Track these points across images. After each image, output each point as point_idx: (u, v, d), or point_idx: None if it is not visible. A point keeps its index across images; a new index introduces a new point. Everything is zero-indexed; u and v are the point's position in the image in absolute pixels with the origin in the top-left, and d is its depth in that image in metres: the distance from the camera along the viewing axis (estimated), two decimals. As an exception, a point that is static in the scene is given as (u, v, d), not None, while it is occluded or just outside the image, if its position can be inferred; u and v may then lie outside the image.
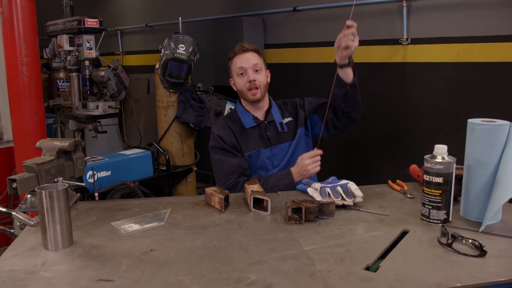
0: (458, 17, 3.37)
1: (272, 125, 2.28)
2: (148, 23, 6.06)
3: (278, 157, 2.27)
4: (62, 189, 1.39)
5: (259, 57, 2.24)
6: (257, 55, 2.23)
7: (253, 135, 2.26)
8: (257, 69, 2.21)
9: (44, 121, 3.24)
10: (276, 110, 2.32)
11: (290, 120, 2.31)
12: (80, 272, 1.24)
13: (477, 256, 1.29)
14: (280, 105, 2.37)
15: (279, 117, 2.29)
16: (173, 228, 1.54)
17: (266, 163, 2.25)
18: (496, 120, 1.54)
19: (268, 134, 2.26)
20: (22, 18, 2.99)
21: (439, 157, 1.52)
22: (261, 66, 2.23)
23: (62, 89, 5.80)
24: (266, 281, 1.17)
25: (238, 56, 2.22)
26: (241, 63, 2.20)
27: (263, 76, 2.24)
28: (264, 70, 2.25)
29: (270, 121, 2.28)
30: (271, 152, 2.26)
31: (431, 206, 1.53)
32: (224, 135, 2.21)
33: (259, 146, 2.24)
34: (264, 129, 2.27)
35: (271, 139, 2.26)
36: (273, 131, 2.27)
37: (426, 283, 1.15)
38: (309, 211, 1.57)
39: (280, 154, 2.27)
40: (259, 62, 2.22)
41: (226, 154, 2.19)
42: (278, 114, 2.31)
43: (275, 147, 2.26)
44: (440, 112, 3.54)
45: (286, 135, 2.28)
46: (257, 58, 2.22)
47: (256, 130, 2.27)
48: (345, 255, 1.32)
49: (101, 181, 2.90)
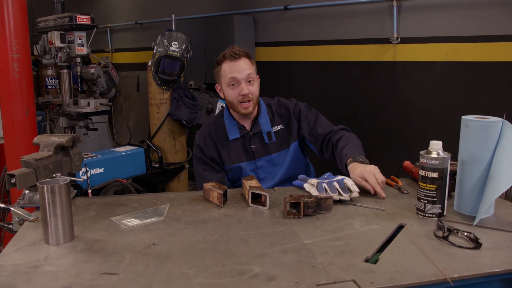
0: (448, 17, 3.43)
1: (257, 136, 2.14)
2: (138, 20, 6.04)
3: (264, 169, 2.16)
4: (64, 184, 1.39)
5: (251, 63, 2.06)
6: (249, 62, 2.05)
7: (236, 147, 2.14)
8: (250, 80, 2.04)
9: (35, 118, 3.22)
10: (265, 117, 2.16)
11: (281, 129, 2.16)
12: (84, 266, 1.25)
13: (473, 248, 1.33)
14: (271, 109, 2.20)
15: (267, 126, 2.15)
16: (173, 223, 1.56)
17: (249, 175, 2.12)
18: (489, 117, 1.58)
19: (253, 147, 2.13)
20: (13, 14, 2.96)
21: (434, 152, 1.56)
22: (254, 75, 2.06)
23: (51, 86, 5.74)
24: (269, 273, 1.19)
25: (229, 63, 2.02)
26: (232, 72, 2.01)
27: (256, 87, 2.08)
28: (256, 79, 2.09)
29: (256, 132, 2.14)
30: (255, 165, 2.15)
31: (426, 201, 1.57)
32: (204, 147, 2.15)
33: (241, 159, 2.14)
34: (248, 141, 2.14)
35: (255, 152, 2.14)
36: (259, 143, 2.14)
37: (425, 274, 1.18)
38: (308, 206, 1.60)
39: (266, 165, 2.16)
40: (252, 71, 2.04)
41: (205, 167, 2.14)
42: (267, 122, 2.15)
43: (260, 159, 2.15)
44: (430, 110, 3.61)
45: (273, 145, 2.15)
46: (250, 67, 2.04)
47: (240, 141, 2.14)
48: (345, 248, 1.34)
49: (94, 178, 2.89)
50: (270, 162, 2.16)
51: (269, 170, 2.16)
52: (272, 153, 2.15)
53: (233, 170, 2.15)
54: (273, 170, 2.16)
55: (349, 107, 4.13)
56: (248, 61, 2.05)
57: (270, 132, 2.15)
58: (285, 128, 2.17)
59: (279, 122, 2.17)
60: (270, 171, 2.16)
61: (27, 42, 3.06)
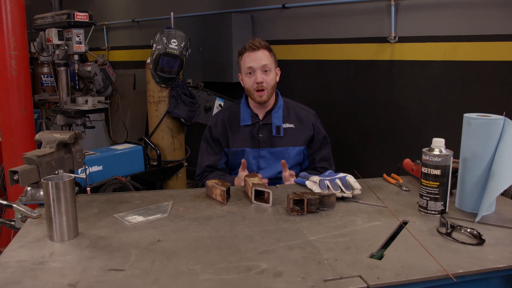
0: (445, 16, 3.45)
1: (267, 127, 2.23)
2: (135, 18, 6.02)
3: (266, 160, 2.24)
4: (69, 180, 1.39)
5: (270, 55, 2.17)
6: (267, 53, 2.16)
7: (244, 133, 2.24)
8: (266, 70, 2.15)
9: (32, 116, 3.20)
10: (279, 112, 2.25)
11: (291, 128, 2.25)
12: (89, 262, 1.25)
13: (476, 244, 1.34)
14: (289, 107, 2.29)
15: (279, 120, 2.23)
16: (177, 220, 1.56)
17: (251, 163, 2.23)
18: (491, 115, 1.60)
19: (260, 136, 2.23)
20: (11, 11, 2.95)
21: (437, 150, 1.57)
22: (271, 66, 2.16)
23: (46, 84, 5.71)
24: (276, 269, 1.19)
25: (248, 54, 2.15)
26: (250, 62, 2.14)
27: (272, 77, 2.18)
28: (273, 70, 2.18)
29: (266, 123, 2.24)
30: (258, 153, 2.23)
31: (429, 198, 1.58)
32: (213, 128, 2.30)
33: (246, 145, 2.23)
34: (257, 129, 2.24)
35: (261, 141, 2.23)
36: (266, 134, 2.23)
37: (430, 270, 1.19)
38: (311, 203, 1.60)
39: (268, 156, 2.23)
40: (268, 62, 2.15)
41: (207, 147, 2.30)
42: (280, 117, 2.24)
43: (263, 149, 2.23)
44: (427, 109, 3.62)
45: (280, 140, 2.22)
46: (267, 57, 2.15)
47: (249, 128, 2.24)
48: (350, 244, 1.35)
49: (92, 175, 2.88)
50: (273, 155, 2.24)
51: (270, 162, 2.23)
52: (277, 147, 2.22)
53: (237, 153, 2.25)
54: (274, 162, 2.23)
55: (347, 106, 4.14)
56: (267, 52, 2.17)
57: (280, 126, 2.23)
58: (296, 129, 2.25)
59: (292, 121, 2.26)
60: (271, 163, 2.24)
61: (24, 39, 3.04)
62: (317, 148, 2.29)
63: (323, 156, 2.29)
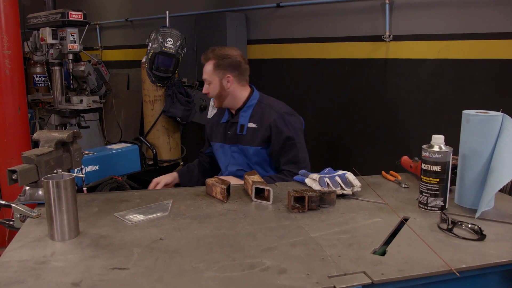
0: (439, 15, 3.47)
1: (234, 126, 2.34)
2: (128, 17, 5.99)
3: (236, 155, 2.34)
4: (69, 179, 1.38)
5: (213, 66, 2.28)
6: (211, 66, 2.28)
7: (221, 129, 2.41)
8: (208, 83, 2.32)
9: (27, 116, 3.18)
10: (248, 111, 2.32)
11: (253, 127, 2.29)
12: (92, 261, 1.24)
13: (477, 240, 1.36)
14: (258, 108, 2.31)
15: (244, 120, 2.31)
16: (179, 218, 1.55)
17: (221, 157, 2.41)
18: (489, 112, 1.61)
19: (229, 133, 2.36)
20: (4, 10, 2.92)
21: (437, 146, 1.58)
22: (210, 78, 2.29)
23: (39, 84, 5.66)
24: (280, 266, 1.19)
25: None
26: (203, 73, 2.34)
27: (213, 87, 2.31)
28: (215, 80, 2.29)
29: (234, 121, 2.34)
30: (230, 149, 2.36)
31: (429, 194, 1.59)
32: (208, 123, 2.56)
33: (220, 140, 2.40)
34: (229, 126, 2.37)
35: (228, 138, 2.36)
36: (233, 131, 2.34)
37: (433, 265, 1.20)
38: (312, 200, 1.61)
39: (238, 152, 2.33)
40: (207, 76, 2.30)
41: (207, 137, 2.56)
42: (247, 116, 2.31)
43: (232, 145, 2.34)
44: (422, 107, 3.64)
45: (243, 138, 2.30)
46: (209, 70, 2.29)
47: (224, 125, 2.40)
48: (352, 241, 1.36)
49: (88, 175, 2.86)
50: (236, 152, 2.34)
51: (235, 157, 2.35)
52: (240, 144, 2.32)
53: (214, 146, 2.45)
54: (239, 158, 2.34)
55: (341, 104, 4.15)
56: (211, 65, 2.29)
57: (244, 125, 2.31)
58: (257, 129, 2.29)
59: (257, 121, 2.29)
60: (237, 158, 2.35)
61: (18, 39, 3.01)
62: (277, 150, 2.25)
63: (288, 158, 2.24)
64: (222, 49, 2.32)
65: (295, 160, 2.24)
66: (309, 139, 4.27)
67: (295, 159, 2.24)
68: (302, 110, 4.48)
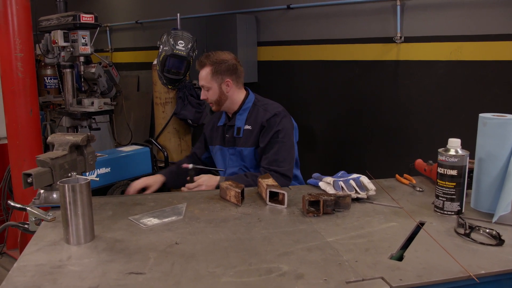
0: (451, 16, 3.44)
1: (232, 128, 2.36)
2: (138, 20, 6.01)
3: (233, 157, 2.37)
4: (85, 183, 1.38)
5: (209, 72, 2.26)
6: (208, 71, 2.27)
7: (218, 133, 2.42)
8: (206, 89, 2.31)
9: (39, 118, 3.20)
10: (244, 114, 2.34)
11: (249, 129, 2.32)
12: (108, 266, 1.24)
13: (495, 245, 1.34)
14: (253, 110, 2.33)
15: (241, 122, 2.34)
16: (193, 222, 1.55)
17: (219, 160, 2.42)
18: (506, 115, 1.59)
19: (227, 136, 2.37)
20: (17, 13, 2.94)
21: (453, 150, 1.56)
22: (209, 84, 2.28)
23: (50, 86, 5.69)
24: (297, 271, 1.19)
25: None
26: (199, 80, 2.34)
27: (212, 93, 2.30)
28: (213, 86, 2.28)
29: (231, 124, 2.36)
30: (228, 151, 2.38)
31: (445, 198, 1.58)
32: (206, 126, 2.55)
33: (219, 143, 2.41)
34: (226, 130, 2.39)
35: (226, 141, 2.37)
36: (230, 134, 2.36)
37: (451, 271, 1.19)
38: (327, 204, 1.60)
39: (236, 154, 2.36)
40: (205, 82, 2.28)
41: (201, 137, 2.56)
42: (243, 119, 2.34)
43: (230, 148, 2.37)
44: (433, 109, 3.62)
45: (239, 141, 2.33)
46: (206, 76, 2.27)
47: (221, 128, 2.41)
48: (369, 246, 1.34)
49: (100, 177, 2.87)
50: (233, 154, 2.37)
51: (232, 160, 2.37)
52: (237, 147, 2.35)
53: (214, 150, 2.45)
54: (238, 160, 2.37)
55: (352, 106, 4.13)
56: (208, 70, 2.28)
57: (241, 128, 2.34)
58: (251, 130, 2.31)
59: (251, 123, 2.32)
60: (234, 161, 2.37)
61: (30, 41, 3.03)
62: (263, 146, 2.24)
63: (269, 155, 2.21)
64: (216, 54, 2.31)
65: (275, 158, 2.19)
66: (319, 141, 4.28)
67: (276, 156, 2.19)
68: (312, 112, 4.49)
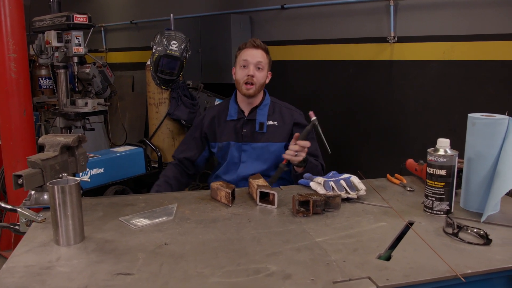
0: (444, 16, 3.45)
1: (251, 123, 2.31)
2: (133, 20, 6.00)
3: (248, 154, 2.31)
4: (75, 184, 1.38)
5: (266, 56, 2.28)
6: (264, 55, 2.27)
7: (229, 127, 2.34)
8: (259, 67, 2.25)
9: (32, 118, 3.20)
10: (265, 109, 2.33)
11: (274, 125, 2.31)
12: (97, 267, 1.24)
13: (483, 244, 1.35)
14: (275, 106, 2.36)
15: (263, 117, 2.31)
16: (183, 222, 1.55)
17: (234, 156, 2.32)
18: (495, 115, 1.60)
19: (244, 131, 2.31)
20: (10, 14, 2.94)
21: (442, 150, 1.57)
22: (264, 65, 2.26)
23: (45, 87, 5.68)
24: (285, 272, 1.19)
25: (247, 49, 2.26)
26: (246, 56, 2.25)
27: (263, 75, 2.27)
28: (266, 70, 2.29)
29: (251, 119, 2.31)
30: (241, 147, 2.31)
31: (434, 198, 1.58)
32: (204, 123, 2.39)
33: (230, 138, 2.32)
34: (241, 124, 2.32)
35: (244, 135, 2.31)
36: (249, 129, 2.30)
37: (439, 270, 1.19)
38: (317, 204, 1.60)
39: (250, 151, 2.30)
40: (263, 60, 2.26)
41: (195, 138, 2.41)
42: (265, 114, 2.32)
43: (246, 144, 2.30)
44: (427, 109, 3.63)
45: (263, 136, 2.29)
46: (263, 57, 2.26)
47: (234, 123, 2.33)
48: (357, 246, 1.35)
49: (93, 178, 2.87)
50: (254, 150, 2.30)
51: (252, 157, 2.31)
52: (258, 142, 2.29)
53: (223, 147, 2.35)
54: (255, 157, 2.31)
55: (346, 106, 4.14)
56: (264, 53, 2.27)
57: (264, 123, 2.30)
58: (279, 127, 2.31)
59: (276, 119, 2.32)
60: (253, 158, 2.31)
61: (24, 42, 3.03)
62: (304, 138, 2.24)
63: (310, 151, 2.22)
64: None
65: (316, 153, 2.29)
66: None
67: (316, 152, 2.30)
68: (307, 111, 4.49)
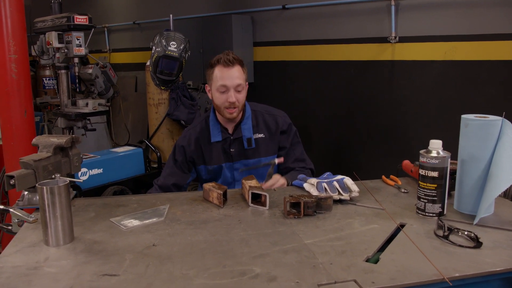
0: (445, 16, 3.44)
1: (238, 141, 2.20)
2: (136, 20, 6.03)
3: (235, 174, 2.24)
4: (64, 185, 1.39)
5: (243, 71, 2.11)
6: (241, 70, 2.09)
7: (217, 150, 2.21)
8: (239, 90, 2.09)
9: (33, 119, 3.21)
10: (248, 123, 2.20)
11: (262, 137, 2.21)
12: (84, 267, 1.24)
13: (473, 247, 1.33)
14: (257, 116, 2.23)
15: (249, 132, 2.19)
16: (174, 224, 1.55)
17: (227, 176, 2.24)
18: (489, 116, 1.58)
19: (232, 151, 2.20)
20: (11, 15, 2.95)
21: (434, 151, 1.56)
22: (243, 84, 2.10)
23: (48, 87, 5.73)
24: (270, 274, 1.19)
25: (221, 69, 2.06)
26: (224, 80, 2.05)
27: (243, 96, 2.13)
28: (245, 88, 2.13)
29: (237, 137, 2.19)
30: (233, 166, 2.23)
31: (426, 200, 1.57)
32: (187, 149, 2.21)
33: (221, 161, 2.21)
34: (228, 144, 2.20)
35: (233, 155, 2.21)
36: (238, 147, 2.20)
37: (426, 274, 1.18)
38: (308, 206, 1.59)
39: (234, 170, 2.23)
40: (242, 82, 2.09)
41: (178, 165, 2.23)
42: (250, 128, 2.20)
43: (237, 162, 2.21)
44: (428, 109, 3.61)
45: (253, 151, 2.20)
46: (240, 76, 2.08)
47: (220, 144, 2.21)
48: (346, 248, 1.34)
49: (93, 178, 2.88)
50: (247, 166, 2.21)
51: (245, 174, 2.15)
52: (249, 159, 2.21)
53: (214, 170, 2.24)
54: (248, 173, 2.14)
55: (347, 106, 4.13)
56: (240, 69, 2.09)
57: (251, 138, 2.20)
58: (267, 138, 2.23)
59: (262, 130, 2.23)
60: (248, 172, 2.17)
61: (25, 43, 3.05)
62: (288, 147, 2.25)
63: (297, 156, 2.23)
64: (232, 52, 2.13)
65: (303, 158, 2.26)
66: (314, 141, 4.27)
67: (303, 156, 2.26)
68: (308, 112, 4.48)
